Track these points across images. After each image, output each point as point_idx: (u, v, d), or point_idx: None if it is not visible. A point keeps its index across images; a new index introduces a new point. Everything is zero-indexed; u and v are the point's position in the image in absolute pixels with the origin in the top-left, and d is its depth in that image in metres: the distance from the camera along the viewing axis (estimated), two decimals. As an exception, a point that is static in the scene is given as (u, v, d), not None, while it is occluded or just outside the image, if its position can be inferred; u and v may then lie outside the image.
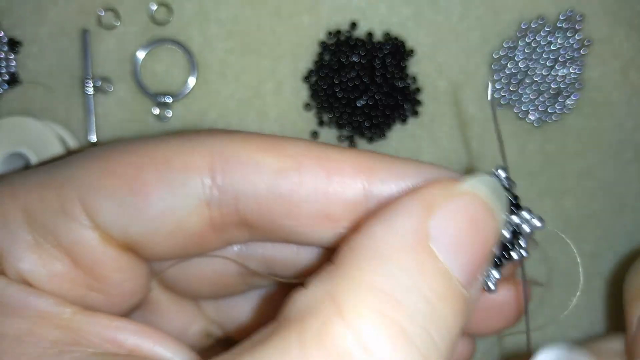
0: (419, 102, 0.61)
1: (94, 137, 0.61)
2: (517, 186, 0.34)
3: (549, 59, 0.61)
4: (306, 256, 0.39)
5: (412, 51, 0.61)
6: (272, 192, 0.34)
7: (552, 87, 0.61)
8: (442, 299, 0.29)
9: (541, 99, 0.61)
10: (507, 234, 0.33)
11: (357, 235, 0.31)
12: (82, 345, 0.33)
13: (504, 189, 0.33)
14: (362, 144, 0.62)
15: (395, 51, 0.61)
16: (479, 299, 0.32)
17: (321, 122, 0.62)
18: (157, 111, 0.61)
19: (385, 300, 0.28)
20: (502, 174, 0.34)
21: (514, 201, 0.34)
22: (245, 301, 0.44)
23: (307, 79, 0.61)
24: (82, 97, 0.61)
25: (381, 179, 0.34)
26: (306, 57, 0.62)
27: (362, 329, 0.28)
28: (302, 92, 0.62)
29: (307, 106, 0.62)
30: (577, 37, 0.60)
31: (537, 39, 0.61)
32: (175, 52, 0.61)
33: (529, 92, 0.61)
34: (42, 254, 0.35)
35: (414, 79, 0.61)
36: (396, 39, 0.61)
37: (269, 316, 0.43)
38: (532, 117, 0.61)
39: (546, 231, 0.35)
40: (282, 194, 0.34)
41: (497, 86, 0.61)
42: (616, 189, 0.62)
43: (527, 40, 0.61)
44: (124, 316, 0.38)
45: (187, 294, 0.43)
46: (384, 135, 0.62)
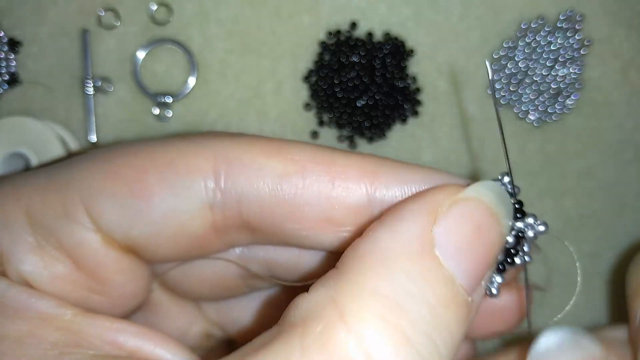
0: (419, 102, 0.61)
1: (94, 137, 0.61)
2: (521, 192, 0.34)
3: (549, 59, 0.61)
4: (308, 259, 0.39)
5: (412, 51, 0.61)
6: (276, 196, 0.35)
7: (552, 87, 0.61)
8: (445, 306, 0.29)
9: (541, 99, 0.61)
10: (510, 240, 0.33)
11: (361, 240, 0.31)
12: (83, 347, 0.33)
13: (508, 194, 0.33)
14: (362, 144, 0.62)
15: (395, 51, 0.61)
16: (481, 303, 0.32)
17: (321, 122, 0.62)
18: (157, 111, 0.61)
19: (388, 306, 0.28)
20: (506, 179, 0.34)
21: (518, 207, 0.33)
22: (246, 303, 0.44)
23: (307, 79, 0.61)
24: (82, 97, 0.61)
25: (385, 183, 0.34)
26: (306, 57, 0.61)
27: (364, 334, 0.28)
28: (302, 92, 0.62)
29: (307, 106, 0.62)
30: (577, 37, 0.60)
31: (537, 39, 0.61)
32: (175, 52, 0.61)
33: (529, 92, 0.61)
34: (44, 256, 0.35)
35: (414, 79, 0.61)
36: (396, 39, 0.61)
37: (270, 318, 0.43)
38: (532, 117, 0.61)
39: (546, 234, 0.35)
40: (286, 197, 0.35)
41: (497, 86, 0.61)
42: (616, 189, 0.62)
43: (527, 40, 0.61)
44: (125, 317, 0.38)
45: (188, 296, 0.43)
46: (384, 135, 0.61)
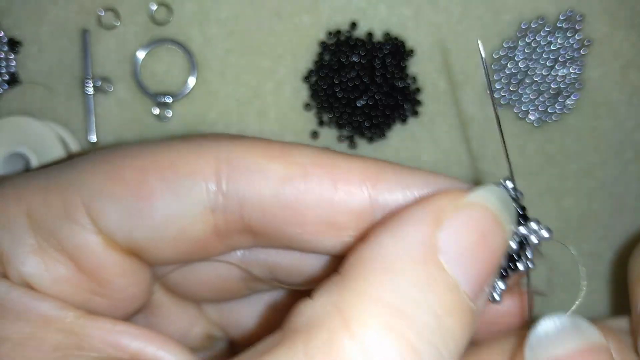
0: (419, 102, 0.61)
1: (94, 137, 0.61)
2: (524, 197, 0.34)
3: (549, 59, 0.61)
4: (310, 263, 0.39)
5: (412, 51, 0.61)
6: (278, 199, 0.34)
7: (552, 87, 0.61)
8: (450, 313, 0.29)
9: (541, 99, 0.61)
10: (514, 245, 0.33)
11: (364, 245, 0.31)
12: (85, 349, 0.33)
13: (512, 199, 0.33)
14: (362, 144, 0.62)
15: (395, 51, 0.61)
16: (485, 309, 0.32)
17: (321, 122, 0.62)
18: (157, 111, 0.61)
19: (392, 313, 0.28)
20: (509, 184, 0.34)
21: (521, 212, 0.33)
22: (248, 305, 0.44)
23: (307, 79, 0.61)
24: (82, 97, 0.61)
25: (388, 188, 0.34)
26: (306, 57, 0.61)
27: (368, 341, 0.27)
28: (302, 92, 0.62)
29: (307, 106, 0.62)
30: (577, 37, 0.60)
31: (537, 39, 0.61)
32: (175, 52, 0.61)
33: (529, 92, 0.61)
34: (45, 258, 0.35)
35: (414, 79, 0.61)
36: (396, 39, 0.61)
37: (272, 321, 0.43)
38: (532, 117, 0.61)
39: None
40: (288, 201, 0.34)
41: (497, 86, 0.61)
42: (616, 189, 0.62)
43: (527, 40, 0.61)
44: (126, 319, 0.38)
45: (189, 297, 0.43)
46: (384, 135, 0.62)
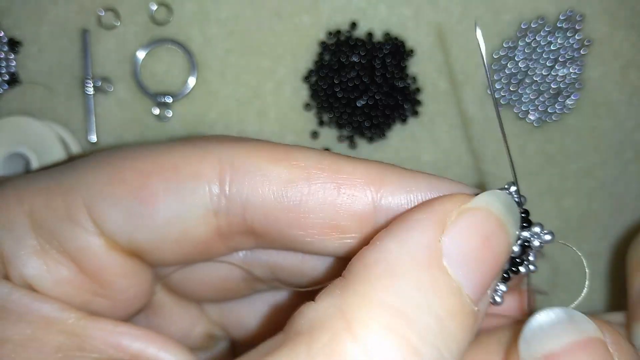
0: (419, 102, 0.61)
1: (94, 137, 0.61)
2: (527, 201, 0.34)
3: (549, 59, 0.61)
4: (312, 264, 0.39)
5: (412, 51, 0.61)
6: (281, 202, 0.34)
7: (552, 87, 0.61)
8: (452, 316, 0.29)
9: (541, 99, 0.61)
10: (516, 249, 0.33)
11: (368, 249, 0.31)
12: (86, 350, 0.33)
13: (516, 204, 0.33)
14: (362, 144, 0.62)
15: (395, 51, 0.61)
16: (487, 311, 0.32)
17: (321, 122, 0.62)
18: (157, 111, 0.61)
19: (396, 316, 0.28)
20: (513, 188, 0.34)
21: (524, 216, 0.33)
22: (249, 305, 0.44)
23: (307, 79, 0.61)
24: (82, 97, 0.61)
25: (391, 191, 0.34)
26: (306, 57, 0.61)
27: (371, 345, 0.27)
28: (302, 92, 0.62)
29: (307, 106, 0.62)
30: (577, 37, 0.60)
31: (537, 39, 0.61)
32: (175, 52, 0.61)
33: (529, 92, 0.61)
34: (47, 260, 0.35)
35: (414, 79, 0.61)
36: (396, 39, 0.61)
37: (273, 321, 0.43)
38: (532, 117, 0.61)
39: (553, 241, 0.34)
40: (291, 204, 0.34)
41: (497, 86, 0.61)
42: (616, 189, 0.62)
43: (527, 40, 0.61)
44: (128, 319, 0.38)
45: (191, 297, 0.43)
46: (384, 135, 0.62)
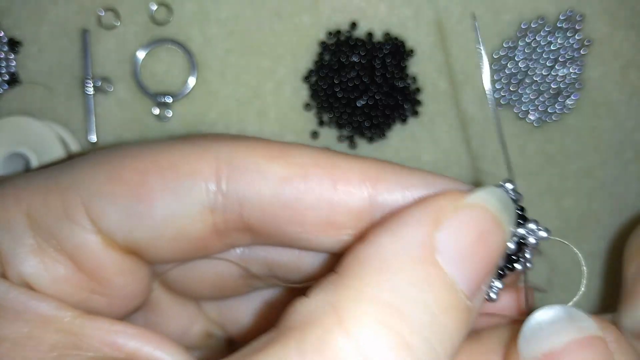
0: (419, 102, 0.61)
1: (94, 137, 0.61)
2: (523, 198, 0.34)
3: (549, 59, 0.61)
4: (309, 260, 0.39)
5: (412, 51, 0.61)
6: (277, 199, 0.34)
7: (552, 87, 0.61)
8: (446, 312, 0.29)
9: (541, 99, 0.61)
10: (512, 245, 0.33)
11: (362, 244, 0.31)
12: (82, 349, 0.33)
13: (512, 201, 0.33)
14: (362, 144, 0.62)
15: (395, 51, 0.61)
16: (481, 308, 0.32)
17: (321, 122, 0.62)
18: (157, 111, 0.61)
19: (388, 311, 0.28)
20: (509, 186, 0.33)
21: (520, 212, 0.33)
22: (247, 302, 0.44)
23: (307, 79, 0.61)
24: (82, 97, 0.61)
25: (387, 188, 0.34)
26: (306, 57, 0.61)
27: (363, 339, 0.27)
28: (302, 92, 0.62)
29: (307, 106, 0.62)
30: (577, 37, 0.60)
31: (537, 39, 0.61)
32: (175, 52, 0.61)
33: (529, 92, 0.61)
34: (44, 258, 0.35)
35: (414, 79, 0.61)
36: (396, 39, 0.61)
37: (271, 319, 0.43)
38: (532, 117, 0.61)
39: (551, 238, 0.34)
40: (287, 201, 0.34)
41: (497, 86, 0.61)
42: (616, 189, 0.62)
43: (527, 40, 0.61)
44: (125, 317, 0.38)
45: (188, 295, 0.43)
46: (384, 135, 0.62)
